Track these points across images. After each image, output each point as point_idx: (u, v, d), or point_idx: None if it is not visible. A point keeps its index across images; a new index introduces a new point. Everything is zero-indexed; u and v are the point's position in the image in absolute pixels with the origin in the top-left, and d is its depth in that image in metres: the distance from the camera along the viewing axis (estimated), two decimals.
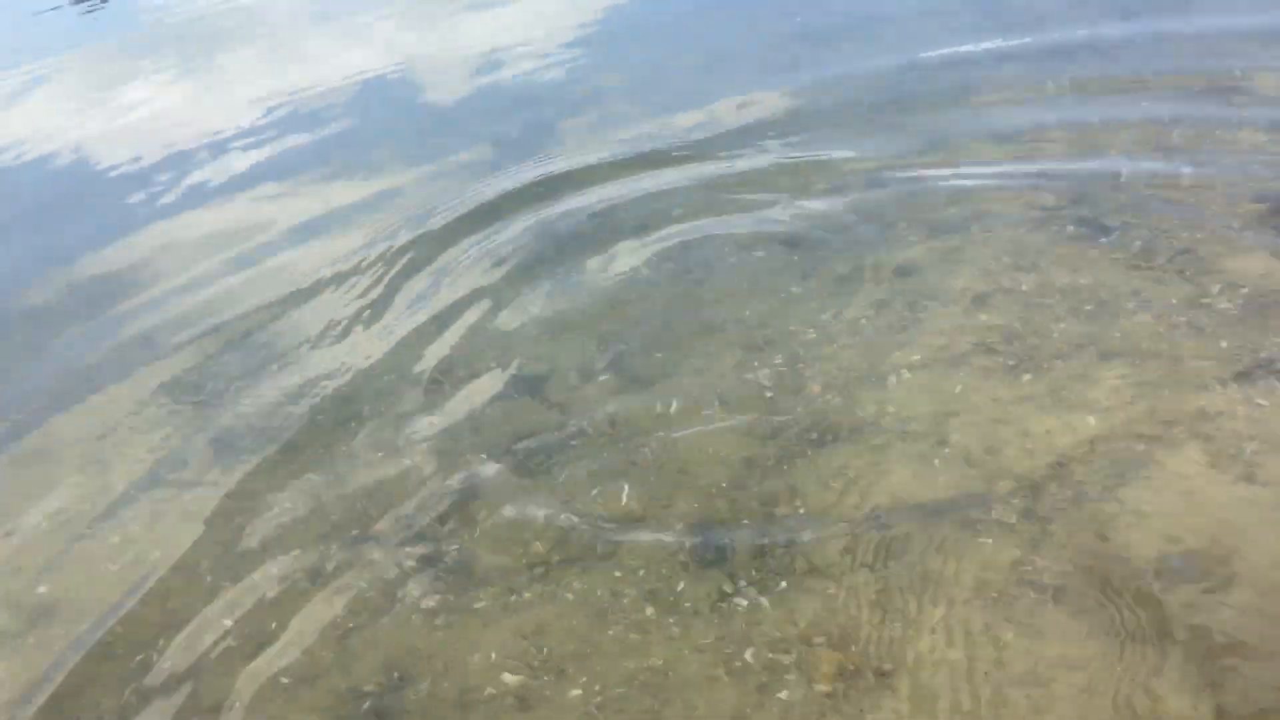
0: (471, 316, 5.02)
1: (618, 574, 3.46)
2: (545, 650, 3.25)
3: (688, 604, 3.30)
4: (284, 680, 3.34)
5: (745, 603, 3.27)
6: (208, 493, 4.21)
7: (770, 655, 3.07)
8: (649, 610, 3.31)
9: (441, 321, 5.03)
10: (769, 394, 4.12)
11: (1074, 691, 2.81)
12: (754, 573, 3.36)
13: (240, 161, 7.98)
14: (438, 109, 8.51)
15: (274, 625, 3.54)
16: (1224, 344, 3.88)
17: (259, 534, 3.93)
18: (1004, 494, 3.46)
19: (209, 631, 3.55)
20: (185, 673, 3.41)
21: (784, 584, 3.30)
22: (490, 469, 4.03)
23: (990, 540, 3.31)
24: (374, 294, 5.41)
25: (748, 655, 3.09)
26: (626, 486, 3.82)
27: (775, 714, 2.92)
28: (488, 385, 4.50)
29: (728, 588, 3.33)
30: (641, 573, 3.45)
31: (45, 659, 3.57)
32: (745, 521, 3.57)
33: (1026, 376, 3.93)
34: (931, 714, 2.82)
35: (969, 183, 5.35)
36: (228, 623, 3.58)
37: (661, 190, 5.92)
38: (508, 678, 3.19)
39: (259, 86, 9.81)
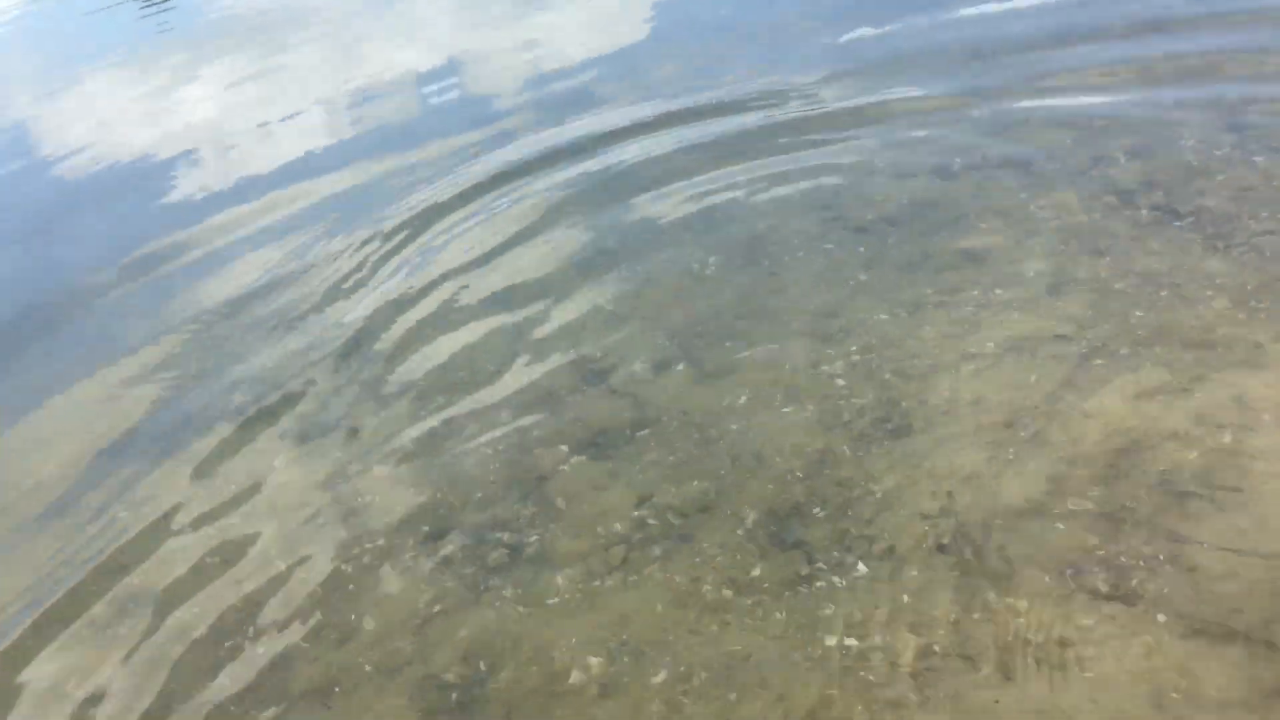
0: (539, 307, 5.07)
1: (695, 560, 3.49)
2: (626, 638, 3.29)
3: (766, 589, 3.32)
4: (369, 667, 3.42)
5: (824, 587, 3.28)
6: (284, 480, 4.31)
7: (851, 639, 3.09)
8: (728, 596, 3.33)
9: (508, 314, 5.09)
10: (841, 382, 4.12)
11: (1156, 676, 2.80)
12: (832, 557, 3.38)
13: (286, 140, 8.24)
14: (489, 91, 8.63)
15: (357, 615, 3.61)
16: None
17: (336, 523, 4.01)
18: (1082, 482, 3.44)
19: (293, 621, 3.64)
20: (270, 661, 3.50)
21: (862, 569, 3.31)
22: (566, 459, 4.08)
23: (1068, 528, 3.29)
24: (436, 284, 5.51)
25: (829, 640, 3.10)
26: (701, 475, 3.84)
27: (859, 697, 2.93)
28: (559, 376, 4.54)
29: (806, 573, 3.35)
30: (719, 559, 3.48)
31: (137, 650, 3.66)
32: (820, 510, 3.58)
33: (1101, 364, 3.90)
34: (1020, 699, 2.82)
35: (1039, 166, 5.31)
36: (310, 612, 3.66)
37: (723, 177, 5.95)
38: (590, 666, 3.23)
39: (310, 70, 10.06)
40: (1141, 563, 3.12)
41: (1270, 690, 2.71)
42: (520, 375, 4.61)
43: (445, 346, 4.93)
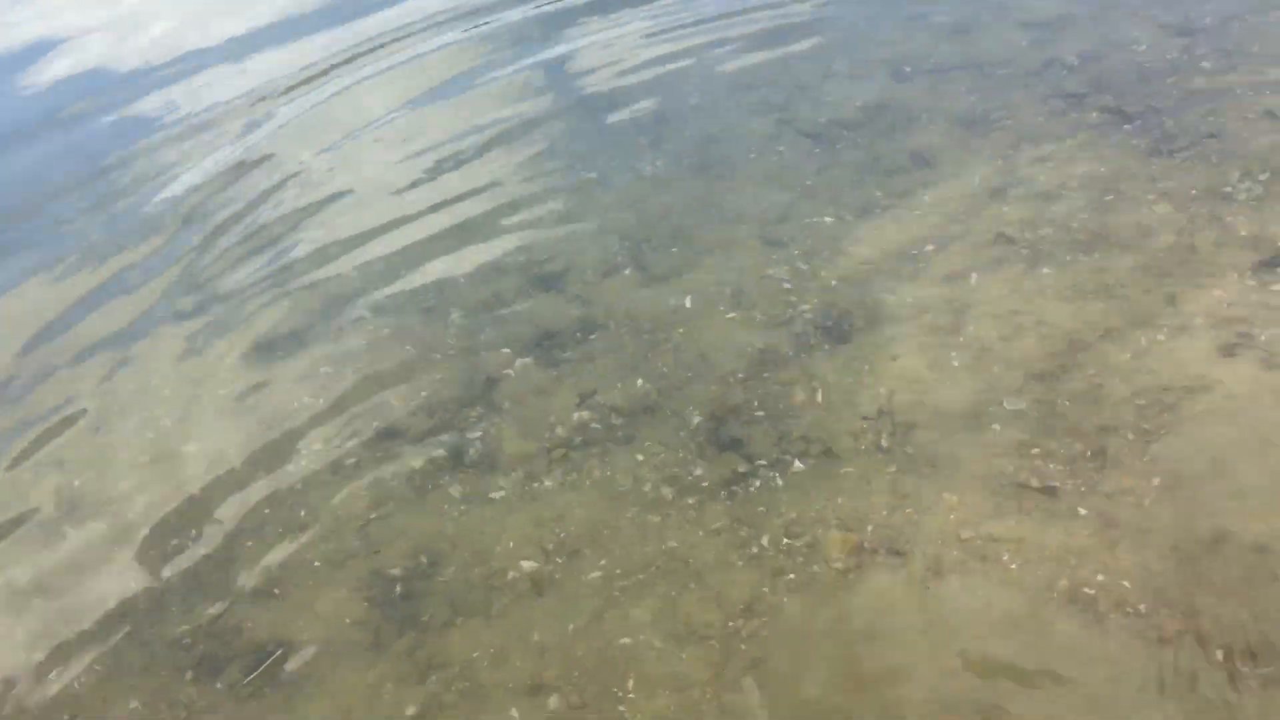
0: (486, 208, 5.05)
1: (637, 458, 3.54)
2: (565, 535, 3.34)
3: (705, 488, 3.38)
4: (315, 564, 3.45)
5: (763, 486, 3.34)
6: (231, 385, 4.30)
7: (785, 537, 3.15)
8: (667, 494, 3.39)
9: (453, 213, 5.07)
10: (786, 285, 4.14)
11: (1076, 571, 2.89)
12: (770, 457, 3.43)
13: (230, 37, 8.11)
14: None
15: (302, 513, 3.64)
16: (1243, 233, 3.86)
17: (283, 425, 4.01)
18: (1017, 382, 3.50)
19: (238, 520, 3.65)
20: (217, 559, 3.53)
21: (799, 468, 3.37)
22: (511, 360, 4.09)
23: (1002, 427, 3.35)
24: (382, 181, 5.48)
25: (763, 538, 3.17)
26: (645, 376, 3.87)
27: (790, 592, 3.00)
28: (506, 277, 4.53)
29: (744, 471, 3.40)
30: (660, 458, 3.52)
31: (83, 550, 3.69)
32: (761, 411, 3.62)
33: (1043, 267, 3.94)
34: (942, 594, 2.91)
35: (990, 69, 5.29)
36: (256, 511, 3.68)
37: (676, 75, 5.89)
38: (529, 562, 3.29)
39: None
40: (1071, 461, 3.19)
41: (1187, 583, 2.80)
42: (467, 276, 4.59)
43: (390, 247, 4.90)
